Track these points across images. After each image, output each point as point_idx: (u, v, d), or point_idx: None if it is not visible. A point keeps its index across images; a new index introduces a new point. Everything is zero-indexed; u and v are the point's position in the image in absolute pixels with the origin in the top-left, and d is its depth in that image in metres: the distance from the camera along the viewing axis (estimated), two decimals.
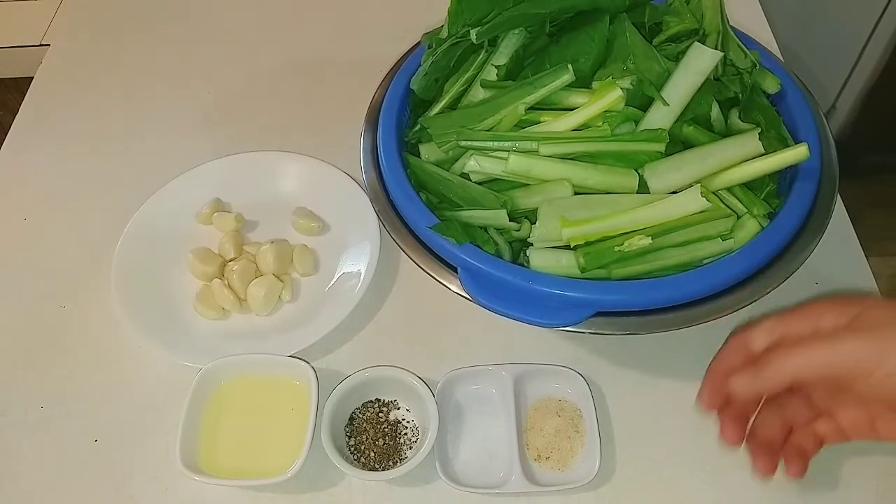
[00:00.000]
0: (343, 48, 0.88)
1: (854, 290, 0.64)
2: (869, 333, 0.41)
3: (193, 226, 0.70)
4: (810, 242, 0.54)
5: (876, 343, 0.41)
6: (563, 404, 0.58)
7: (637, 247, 0.51)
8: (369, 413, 0.58)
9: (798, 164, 0.54)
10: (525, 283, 0.51)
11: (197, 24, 0.92)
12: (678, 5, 0.62)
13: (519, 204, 0.55)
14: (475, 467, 0.56)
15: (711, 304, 0.51)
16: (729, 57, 0.61)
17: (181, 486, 0.56)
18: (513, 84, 0.58)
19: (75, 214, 0.73)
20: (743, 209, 0.55)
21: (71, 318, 0.66)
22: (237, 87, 0.84)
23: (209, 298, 0.64)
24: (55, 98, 0.84)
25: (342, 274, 0.67)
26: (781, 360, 0.43)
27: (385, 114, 0.62)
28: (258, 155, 0.74)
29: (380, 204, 0.59)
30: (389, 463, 0.56)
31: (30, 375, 0.63)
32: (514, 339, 0.62)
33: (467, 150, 0.57)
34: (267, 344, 0.61)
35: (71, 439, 0.59)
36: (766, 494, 0.55)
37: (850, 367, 0.41)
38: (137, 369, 0.63)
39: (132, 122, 0.82)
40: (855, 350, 0.41)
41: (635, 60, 0.56)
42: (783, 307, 0.63)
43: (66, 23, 0.93)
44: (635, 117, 0.55)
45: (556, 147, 0.54)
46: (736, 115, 0.59)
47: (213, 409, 0.58)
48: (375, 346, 0.63)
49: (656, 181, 0.54)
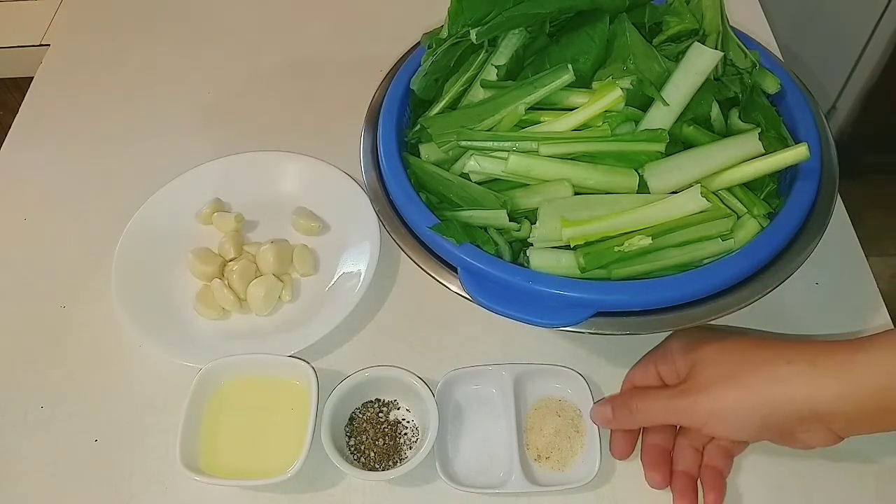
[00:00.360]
0: (343, 48, 0.88)
1: (854, 290, 0.64)
2: (697, 395, 0.49)
3: (193, 226, 0.70)
4: (810, 242, 0.54)
5: (700, 404, 0.49)
6: (563, 404, 0.58)
7: (637, 247, 0.51)
8: (369, 413, 0.58)
9: (798, 164, 0.54)
10: (525, 283, 0.51)
11: (197, 24, 0.92)
12: (678, 5, 0.62)
13: (519, 204, 0.55)
14: (475, 467, 0.56)
15: (711, 304, 0.51)
16: (729, 57, 0.60)
17: (181, 486, 0.56)
18: (513, 84, 0.58)
19: (75, 214, 0.73)
20: (743, 209, 0.55)
21: (71, 318, 0.66)
22: (237, 87, 0.84)
23: (209, 298, 0.64)
24: (55, 98, 0.84)
25: (342, 274, 0.67)
26: (631, 414, 0.53)
27: (385, 114, 0.62)
28: (258, 155, 0.74)
29: (380, 204, 0.59)
30: (389, 463, 0.56)
31: (30, 375, 0.63)
32: (514, 339, 0.62)
33: (467, 150, 0.57)
34: (267, 344, 0.61)
35: (71, 439, 0.59)
36: (767, 495, 0.55)
37: (685, 422, 0.51)
38: (137, 369, 0.63)
39: (132, 122, 0.82)
40: (685, 411, 0.50)
41: (635, 60, 0.56)
42: (783, 306, 0.63)
43: (66, 23, 0.93)
44: (635, 117, 0.55)
45: (556, 147, 0.54)
46: (736, 115, 0.59)
47: (213, 409, 0.58)
48: (375, 346, 0.63)
49: (656, 181, 0.53)
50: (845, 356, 0.46)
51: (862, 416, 0.45)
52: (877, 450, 0.56)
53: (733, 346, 0.51)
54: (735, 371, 0.49)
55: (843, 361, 0.45)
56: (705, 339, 0.53)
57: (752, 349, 0.50)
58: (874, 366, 0.45)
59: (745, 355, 0.50)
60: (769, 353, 0.49)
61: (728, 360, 0.50)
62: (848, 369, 0.45)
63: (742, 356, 0.50)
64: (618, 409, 0.54)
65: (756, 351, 0.50)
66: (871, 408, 0.44)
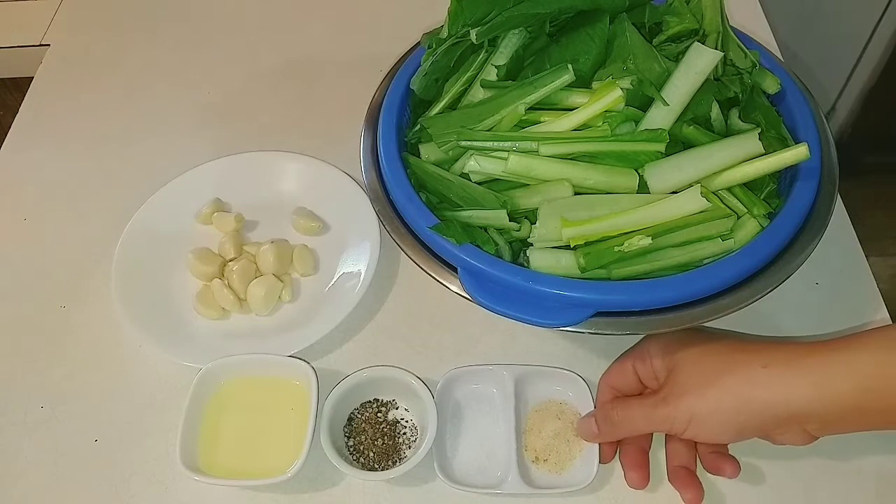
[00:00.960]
0: (343, 48, 0.88)
1: (854, 290, 0.64)
2: (676, 402, 0.49)
3: (193, 226, 0.70)
4: (810, 242, 0.54)
5: (680, 411, 0.49)
6: (563, 407, 0.58)
7: (637, 247, 0.51)
8: (368, 413, 0.58)
9: (798, 164, 0.54)
10: (525, 283, 0.51)
11: (197, 24, 0.92)
12: (678, 5, 0.62)
13: (519, 204, 0.55)
14: (473, 466, 0.56)
15: (711, 304, 0.51)
16: (729, 57, 0.60)
17: (181, 486, 0.56)
18: (513, 84, 0.58)
19: (75, 214, 0.73)
20: (743, 209, 0.55)
21: (71, 318, 0.66)
22: (237, 87, 0.84)
23: (209, 298, 0.64)
24: (55, 98, 0.84)
25: (342, 274, 0.67)
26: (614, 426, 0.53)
27: (385, 114, 0.62)
28: (258, 155, 0.74)
29: (380, 204, 0.59)
30: (388, 463, 0.56)
31: (30, 375, 0.63)
32: (514, 339, 0.62)
33: (467, 150, 0.57)
34: (267, 344, 0.61)
35: (71, 439, 0.59)
36: (767, 496, 0.55)
37: (666, 430, 0.51)
38: (137, 369, 0.63)
39: (132, 121, 0.82)
40: (666, 419, 0.49)
41: (635, 60, 0.56)
42: (783, 307, 0.63)
43: (66, 23, 0.93)
44: (635, 117, 0.55)
45: (556, 147, 0.54)
46: (736, 115, 0.59)
47: (213, 409, 0.58)
48: (375, 346, 0.63)
49: (656, 181, 0.53)
50: (822, 357, 0.46)
51: (839, 418, 0.45)
52: (877, 450, 0.56)
53: (711, 349, 0.51)
54: (712, 376, 0.49)
55: (820, 363, 0.45)
56: (684, 342, 0.52)
57: (729, 353, 0.50)
58: (853, 366, 0.45)
59: (722, 359, 0.50)
60: (746, 356, 0.49)
61: (706, 364, 0.50)
62: (825, 371, 0.45)
63: (719, 359, 0.50)
64: (601, 422, 0.54)
65: (733, 354, 0.50)
66: (848, 409, 0.44)
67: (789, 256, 0.53)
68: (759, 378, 0.47)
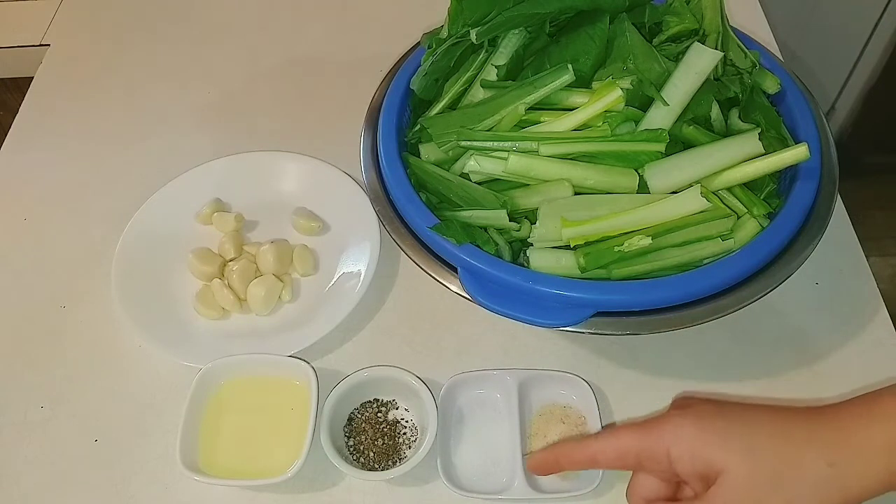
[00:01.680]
0: (343, 48, 0.88)
1: (854, 290, 0.64)
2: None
3: (193, 226, 0.70)
4: (810, 242, 0.54)
5: None
6: (567, 411, 0.58)
7: (637, 247, 0.51)
8: (368, 413, 0.58)
9: (798, 164, 0.54)
10: (525, 283, 0.51)
11: (197, 24, 0.92)
12: (678, 5, 0.62)
13: (519, 204, 0.55)
14: (478, 472, 0.56)
15: (711, 304, 0.51)
16: (729, 57, 0.61)
17: (181, 486, 0.56)
18: (513, 84, 0.58)
19: (75, 214, 0.73)
20: (743, 209, 0.55)
21: (71, 318, 0.66)
22: (237, 87, 0.84)
23: (209, 298, 0.64)
24: (55, 98, 0.84)
25: (342, 274, 0.67)
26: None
27: (385, 114, 0.62)
28: (258, 155, 0.74)
29: (380, 204, 0.59)
30: (388, 463, 0.56)
31: (30, 375, 0.63)
32: (515, 339, 0.62)
33: (467, 150, 0.57)
34: (267, 344, 0.61)
35: (71, 439, 0.59)
36: None
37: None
38: (137, 369, 0.63)
39: (132, 121, 0.82)
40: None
41: (635, 60, 0.56)
42: (783, 306, 0.63)
43: (66, 23, 0.93)
44: (635, 117, 0.55)
45: (556, 147, 0.54)
46: (736, 115, 0.59)
47: (213, 409, 0.58)
48: (375, 346, 0.63)
49: (656, 181, 0.54)
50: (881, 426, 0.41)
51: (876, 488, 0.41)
52: None
53: (756, 446, 0.42)
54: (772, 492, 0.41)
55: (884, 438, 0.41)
56: (716, 441, 0.43)
57: (781, 446, 0.42)
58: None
59: (778, 459, 0.42)
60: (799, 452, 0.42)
61: (761, 470, 0.42)
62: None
63: (775, 460, 0.42)
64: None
65: (786, 448, 0.42)
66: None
67: (789, 256, 0.53)
68: (832, 483, 0.41)
